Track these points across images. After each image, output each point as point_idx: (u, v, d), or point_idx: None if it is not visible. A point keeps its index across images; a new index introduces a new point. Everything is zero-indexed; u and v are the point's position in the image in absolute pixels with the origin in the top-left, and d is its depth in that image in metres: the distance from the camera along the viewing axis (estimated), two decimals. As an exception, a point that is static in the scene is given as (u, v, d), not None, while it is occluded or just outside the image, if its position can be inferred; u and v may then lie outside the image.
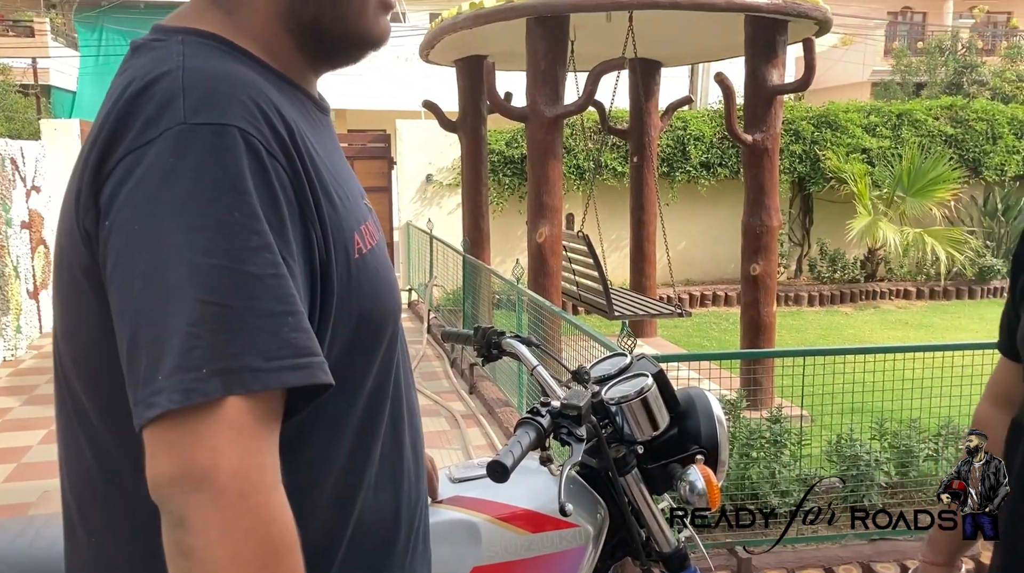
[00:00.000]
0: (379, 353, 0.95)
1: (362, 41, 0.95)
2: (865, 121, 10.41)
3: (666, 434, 1.66)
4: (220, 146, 0.75)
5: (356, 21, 0.93)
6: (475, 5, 5.18)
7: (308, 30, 0.92)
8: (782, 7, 4.81)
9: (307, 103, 0.95)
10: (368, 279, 0.90)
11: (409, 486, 1.04)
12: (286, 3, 0.90)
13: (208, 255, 0.73)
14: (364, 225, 0.93)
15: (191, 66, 0.80)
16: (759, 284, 5.37)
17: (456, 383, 6.08)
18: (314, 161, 0.85)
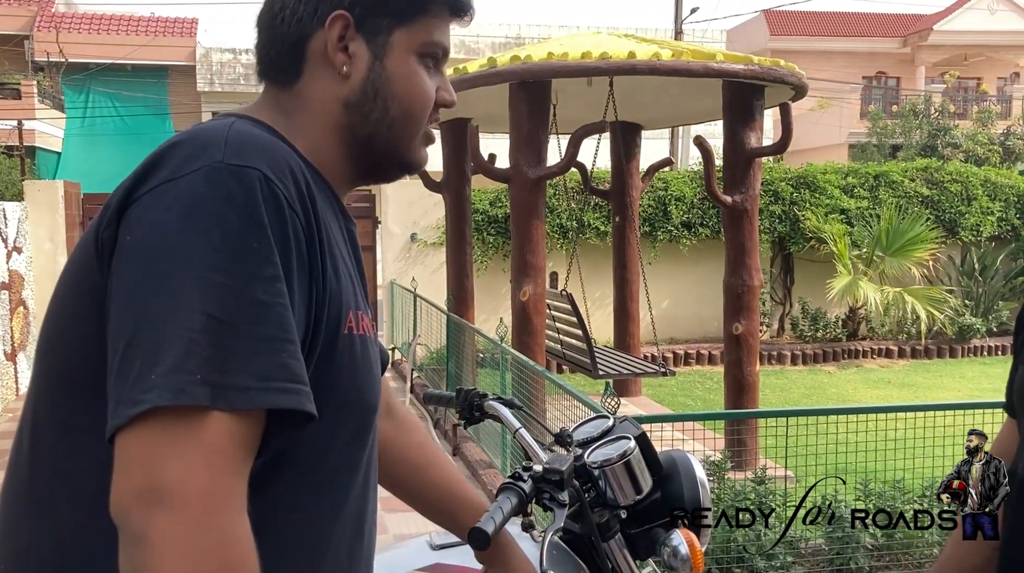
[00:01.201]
0: (340, 440, 0.94)
1: (405, 164, 1.03)
2: (843, 182, 10.61)
3: (649, 498, 1.64)
4: (248, 184, 0.81)
5: (405, 145, 1.01)
6: (459, 70, 5.29)
7: (361, 145, 0.99)
8: (759, 73, 4.94)
9: (336, 208, 0.99)
10: (351, 359, 0.91)
11: None
12: (346, 119, 0.97)
13: (221, 274, 0.77)
14: (360, 312, 0.95)
15: (237, 128, 0.87)
16: (742, 343, 5.39)
17: (439, 444, 6.01)
18: (325, 234, 0.89)
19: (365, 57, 0.96)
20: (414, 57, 0.98)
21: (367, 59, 0.96)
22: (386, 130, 0.98)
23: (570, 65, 4.84)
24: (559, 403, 4.63)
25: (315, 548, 0.94)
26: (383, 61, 0.96)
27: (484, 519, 1.33)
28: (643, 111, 6.83)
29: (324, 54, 0.95)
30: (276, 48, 0.97)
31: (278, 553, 0.89)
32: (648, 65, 4.77)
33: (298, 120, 0.96)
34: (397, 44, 0.97)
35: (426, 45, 0.99)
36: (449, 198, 7.29)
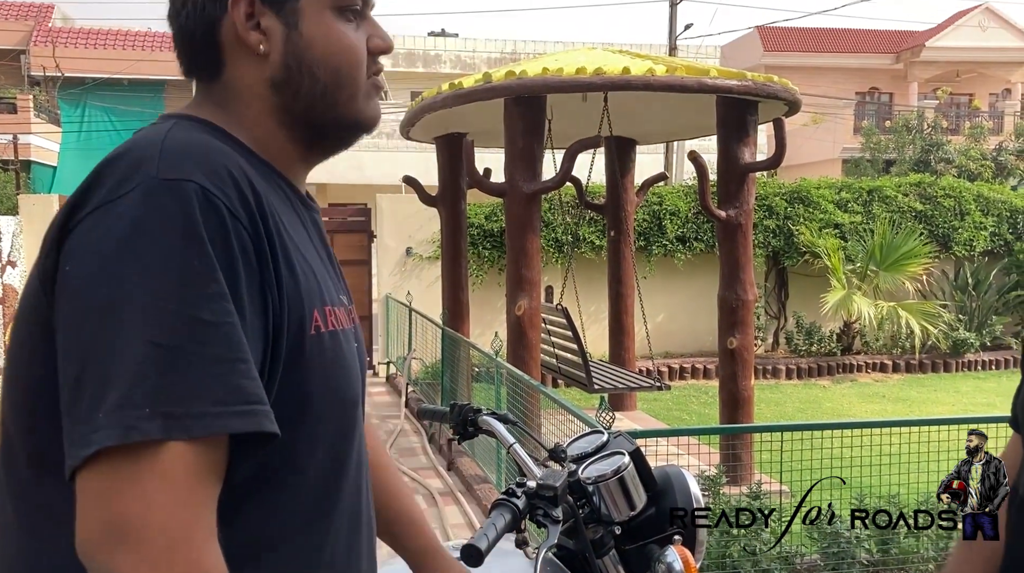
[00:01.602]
0: (326, 438, 0.92)
1: (355, 125, 0.98)
2: (837, 197, 10.65)
3: (644, 514, 1.64)
4: (184, 199, 0.77)
5: (348, 106, 0.96)
6: (455, 85, 5.31)
7: (301, 122, 0.95)
8: (752, 88, 4.97)
9: (291, 194, 0.96)
10: (322, 360, 0.89)
11: None
12: (278, 100, 0.93)
13: (164, 299, 0.74)
14: (330, 307, 0.92)
15: (172, 134, 0.84)
16: (736, 358, 5.39)
17: (434, 459, 5.99)
18: (280, 233, 0.86)
19: (279, 30, 0.91)
20: (330, 14, 0.93)
21: (281, 32, 0.91)
22: (321, 100, 0.94)
23: (565, 80, 4.86)
24: (554, 418, 4.62)
25: (313, 552, 0.92)
26: (298, 29, 0.92)
27: (477, 536, 1.32)
28: (638, 126, 6.85)
29: (237, 38, 0.91)
30: (190, 44, 0.93)
31: (278, 566, 0.88)
32: (642, 81, 4.80)
33: (234, 112, 0.93)
34: (307, 6, 0.92)
35: (342, 1, 0.94)
36: (444, 212, 7.29)
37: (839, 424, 3.65)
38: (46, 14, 22.58)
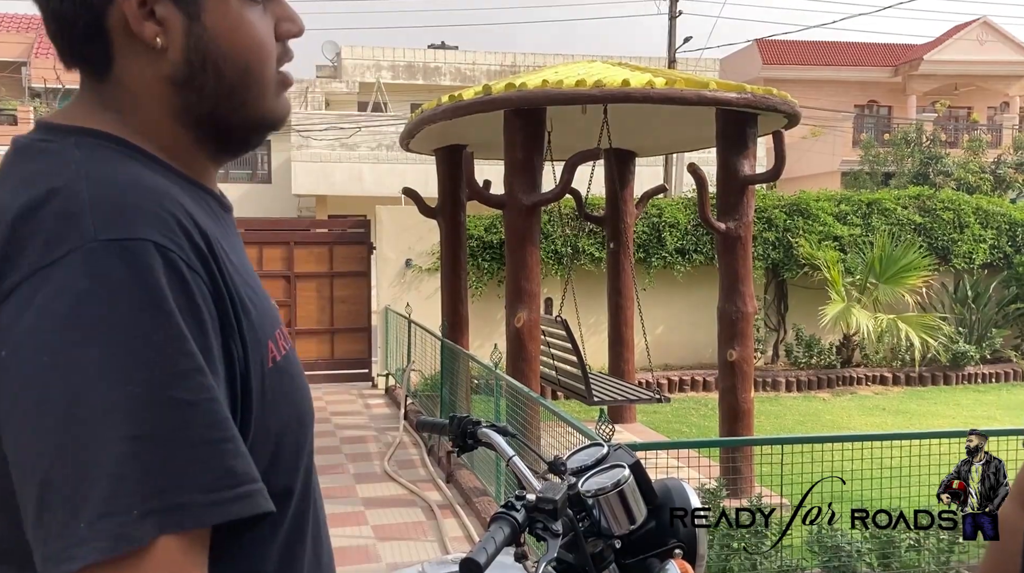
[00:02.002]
0: (302, 461, 0.89)
1: (263, 124, 0.89)
2: (836, 209, 10.66)
3: (644, 527, 1.63)
4: (136, 264, 0.68)
5: (256, 105, 0.86)
6: (455, 97, 5.32)
7: (206, 123, 0.85)
8: (752, 101, 4.98)
9: (211, 202, 0.87)
10: (282, 388, 0.84)
11: None
12: (180, 100, 0.82)
13: (131, 384, 0.65)
14: (278, 330, 0.86)
15: (94, 174, 0.73)
16: (736, 370, 5.38)
17: (433, 471, 5.97)
18: (230, 271, 0.78)
19: (178, 21, 0.79)
20: (240, 1, 0.82)
21: (181, 23, 0.80)
22: (227, 100, 0.84)
23: (565, 92, 4.88)
24: (553, 430, 4.61)
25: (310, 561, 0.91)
26: (200, 20, 0.80)
27: (476, 549, 1.31)
28: (637, 138, 6.87)
29: (128, 28, 0.79)
30: (69, 33, 0.80)
31: None
32: (642, 93, 4.81)
33: (132, 116, 0.82)
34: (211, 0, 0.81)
35: None
36: (444, 224, 7.30)
37: (840, 437, 3.64)
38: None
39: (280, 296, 9.24)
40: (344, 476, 5.88)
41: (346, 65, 22.78)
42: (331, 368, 9.47)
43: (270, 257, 9.22)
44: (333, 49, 23.81)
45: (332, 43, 23.84)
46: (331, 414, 7.95)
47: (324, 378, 9.41)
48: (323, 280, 9.39)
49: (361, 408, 8.29)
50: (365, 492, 5.51)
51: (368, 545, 4.57)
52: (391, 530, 4.81)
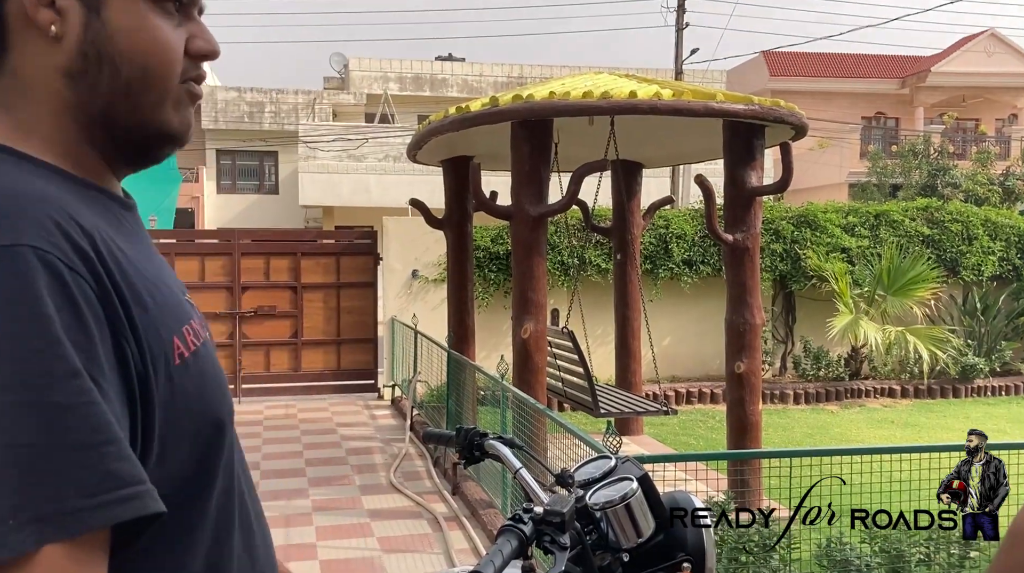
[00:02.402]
0: (221, 456, 0.87)
1: (161, 135, 0.86)
2: (844, 221, 10.64)
3: (652, 540, 1.61)
4: (13, 270, 0.67)
5: (153, 112, 0.84)
6: (462, 109, 5.33)
7: (99, 123, 0.82)
8: (759, 112, 4.97)
9: (109, 204, 0.85)
10: (194, 384, 0.82)
11: None
12: (73, 94, 0.80)
13: (5, 391, 0.64)
14: (187, 326, 0.84)
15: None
16: (744, 382, 5.35)
17: (439, 483, 5.94)
18: (123, 269, 0.76)
19: (77, 11, 0.78)
20: (144, 2, 0.81)
21: (80, 13, 0.78)
22: (123, 100, 0.81)
23: (572, 104, 4.88)
24: (560, 442, 4.59)
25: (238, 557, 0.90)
26: (99, 13, 0.79)
27: (483, 562, 1.30)
28: (644, 150, 6.87)
29: (25, 15, 0.77)
30: None
31: None
32: (649, 104, 4.81)
33: (20, 113, 0.79)
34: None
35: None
36: (451, 235, 7.30)
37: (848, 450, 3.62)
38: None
39: (287, 307, 9.25)
40: (350, 487, 5.87)
41: (353, 77, 22.88)
42: (337, 379, 9.47)
43: (277, 268, 9.24)
44: (340, 61, 23.93)
45: (340, 55, 23.97)
46: (337, 425, 7.93)
47: (330, 389, 9.41)
48: (330, 291, 9.39)
49: (367, 419, 8.28)
50: (371, 504, 5.49)
51: (374, 557, 4.55)
52: (397, 542, 4.79)
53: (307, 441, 7.26)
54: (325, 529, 4.97)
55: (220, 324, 9.09)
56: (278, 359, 9.27)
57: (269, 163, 22.64)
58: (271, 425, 7.91)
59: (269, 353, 9.25)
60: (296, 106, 22.07)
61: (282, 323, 9.26)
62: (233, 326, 9.11)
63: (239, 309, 9.10)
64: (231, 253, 9.10)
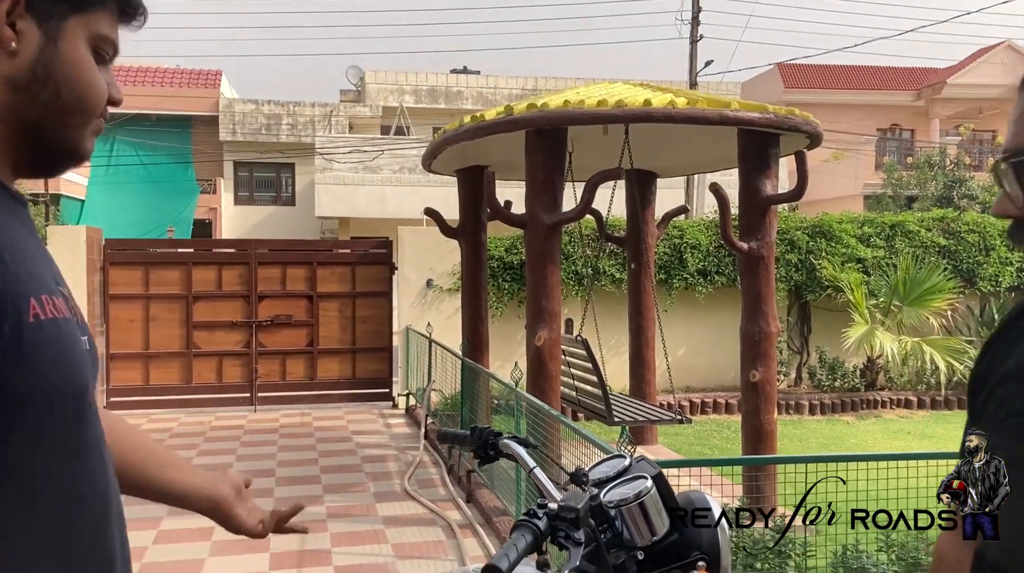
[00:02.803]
0: (60, 426, 0.93)
1: (74, 153, 1.01)
2: (859, 231, 10.60)
3: (667, 539, 1.62)
4: None
5: (75, 133, 1.00)
6: (476, 118, 5.37)
7: (29, 129, 0.96)
8: (774, 121, 4.98)
9: (2, 194, 0.96)
10: (45, 346, 0.89)
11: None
12: (12, 99, 0.94)
13: None
14: (47, 295, 0.92)
15: None
16: (759, 391, 5.34)
17: (453, 491, 5.95)
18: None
19: (36, 37, 0.93)
20: (85, 47, 0.97)
21: (38, 39, 0.94)
22: (56, 115, 0.96)
23: (586, 113, 4.90)
24: (574, 449, 4.58)
25: (58, 547, 0.92)
26: (56, 44, 0.95)
27: (498, 555, 1.32)
28: (658, 159, 6.88)
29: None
30: None
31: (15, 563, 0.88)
32: (663, 113, 4.83)
33: None
34: (71, 30, 0.96)
35: (100, 38, 0.99)
36: (465, 244, 7.33)
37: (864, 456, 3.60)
38: (79, 51, 23.17)
39: (303, 316, 9.30)
40: (364, 494, 5.88)
41: (369, 89, 23.04)
42: (352, 388, 9.50)
43: (293, 277, 9.29)
44: (357, 74, 24.10)
45: (356, 68, 24.14)
46: (352, 433, 7.96)
47: (345, 398, 9.43)
48: (345, 300, 9.44)
49: (381, 427, 8.29)
50: (385, 510, 5.50)
51: (388, 563, 4.56)
52: (411, 549, 4.80)
53: (322, 449, 7.29)
54: (340, 536, 4.99)
55: (237, 333, 9.16)
56: (294, 368, 9.31)
57: (286, 175, 22.79)
58: (286, 433, 7.95)
59: (285, 362, 9.29)
60: (313, 118, 22.23)
61: (298, 332, 9.31)
62: (250, 335, 9.16)
63: (256, 318, 9.15)
64: (248, 262, 9.17)
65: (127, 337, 8.94)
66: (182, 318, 9.04)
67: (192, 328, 9.04)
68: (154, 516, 5.26)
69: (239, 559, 4.60)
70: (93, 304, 8.52)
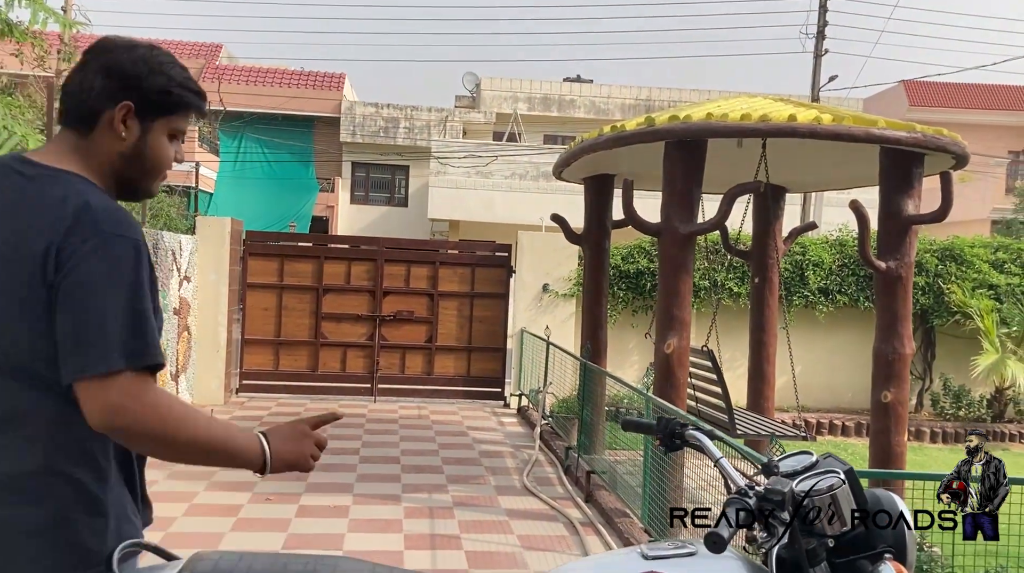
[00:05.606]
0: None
1: (147, 194, 1.69)
2: (992, 257, 10.20)
3: (854, 530, 1.72)
4: (133, 246, 1.46)
5: (150, 185, 1.67)
6: (616, 128, 5.50)
7: (125, 181, 1.63)
8: (921, 140, 4.93)
9: None
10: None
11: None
12: (121, 166, 1.60)
13: (129, 291, 1.43)
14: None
15: (95, 199, 1.48)
16: (890, 412, 5.27)
17: (571, 490, 6.09)
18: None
19: (136, 131, 1.58)
20: (165, 136, 1.63)
21: (137, 132, 1.59)
22: (141, 175, 1.63)
23: (729, 126, 4.97)
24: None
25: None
26: (146, 136, 1.60)
27: (720, 526, 1.46)
28: (790, 174, 6.85)
29: (111, 123, 1.56)
30: (78, 108, 1.57)
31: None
32: (808, 129, 4.84)
33: (94, 164, 1.57)
34: (157, 127, 1.61)
35: (175, 130, 1.65)
36: (588, 251, 7.47)
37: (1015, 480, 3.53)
38: (215, 53, 24.50)
39: (424, 313, 9.64)
40: (485, 487, 6.09)
41: (485, 96, 23.49)
42: (466, 385, 9.77)
43: (416, 275, 9.64)
44: (473, 80, 24.60)
45: (472, 75, 24.65)
46: (467, 429, 8.21)
47: (459, 394, 9.72)
48: (464, 300, 9.73)
49: (495, 425, 8.52)
50: (506, 504, 5.69)
51: (515, 553, 4.74)
52: (535, 541, 4.96)
53: (441, 441, 7.56)
54: (467, 523, 5.20)
55: (361, 326, 9.57)
56: (412, 362, 9.66)
57: (400, 177, 23.47)
58: (405, 424, 8.27)
59: (404, 356, 9.65)
60: (429, 123, 22.82)
61: (418, 328, 9.65)
62: (373, 328, 9.57)
63: (380, 312, 9.55)
64: (375, 259, 9.58)
65: (261, 324, 9.48)
66: (312, 309, 9.51)
67: (320, 319, 9.50)
68: (293, 492, 5.61)
69: (375, 537, 4.87)
70: (233, 291, 9.07)
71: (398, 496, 5.72)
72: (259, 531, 4.90)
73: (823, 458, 1.85)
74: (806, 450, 1.97)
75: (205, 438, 1.46)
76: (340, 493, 5.72)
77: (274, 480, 5.96)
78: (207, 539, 4.67)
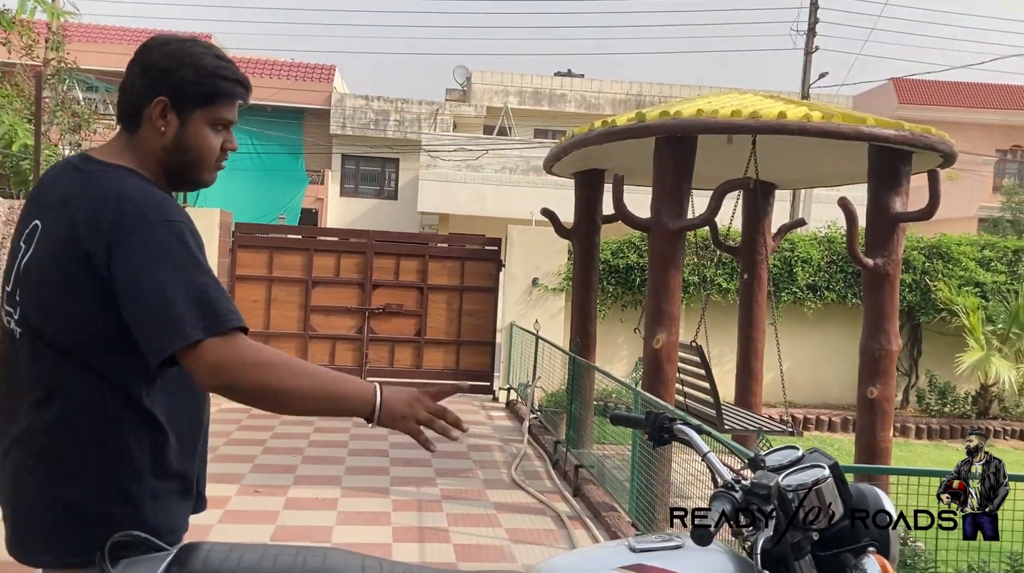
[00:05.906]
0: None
1: (198, 184, 1.73)
2: (979, 255, 10.28)
3: (839, 524, 1.74)
4: (178, 229, 1.53)
5: (198, 174, 1.71)
6: (607, 123, 5.51)
7: (173, 172, 1.68)
8: (909, 138, 4.96)
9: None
10: None
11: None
12: (165, 158, 1.66)
13: (189, 271, 1.50)
14: None
15: (147, 190, 1.57)
16: (876, 408, 5.32)
17: (559, 484, 6.12)
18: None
19: (175, 124, 1.64)
20: (207, 126, 1.66)
21: (176, 125, 1.64)
22: (185, 167, 1.68)
23: (719, 122, 4.99)
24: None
25: (191, 406, 1.71)
26: (185, 128, 1.64)
27: (707, 518, 1.47)
28: (779, 171, 6.88)
29: (152, 118, 1.63)
30: (127, 108, 1.65)
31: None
32: (797, 126, 4.87)
33: (144, 158, 1.65)
34: (196, 118, 1.65)
35: (217, 119, 1.68)
36: (578, 245, 7.49)
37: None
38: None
39: (413, 306, 9.64)
40: (474, 480, 6.11)
41: (475, 89, 23.45)
42: (455, 378, 9.77)
43: (406, 268, 9.64)
44: (464, 74, 24.56)
45: (463, 68, 24.60)
46: (456, 422, 8.21)
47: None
48: (453, 293, 9.73)
49: (484, 419, 8.53)
50: (494, 497, 5.71)
51: (503, 546, 4.76)
52: (523, 534, 4.98)
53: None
54: (455, 516, 5.22)
55: (350, 318, 9.57)
56: (402, 355, 9.66)
57: (390, 170, 23.43)
58: (394, 417, 8.26)
59: (394, 349, 9.65)
60: (419, 116, 22.77)
61: (407, 321, 9.65)
62: (362, 321, 9.56)
63: (369, 305, 9.54)
64: (365, 252, 9.57)
65: (250, 316, 9.44)
66: (301, 301, 9.50)
67: (309, 311, 9.49)
68: (281, 484, 5.61)
69: (363, 530, 4.88)
70: (222, 283, 9.04)
71: (386, 489, 5.73)
72: (247, 523, 4.90)
73: (809, 453, 1.87)
74: (792, 445, 1.98)
75: (311, 384, 1.52)
76: (328, 486, 5.72)
77: (262, 473, 5.96)
78: (195, 531, 4.65)
